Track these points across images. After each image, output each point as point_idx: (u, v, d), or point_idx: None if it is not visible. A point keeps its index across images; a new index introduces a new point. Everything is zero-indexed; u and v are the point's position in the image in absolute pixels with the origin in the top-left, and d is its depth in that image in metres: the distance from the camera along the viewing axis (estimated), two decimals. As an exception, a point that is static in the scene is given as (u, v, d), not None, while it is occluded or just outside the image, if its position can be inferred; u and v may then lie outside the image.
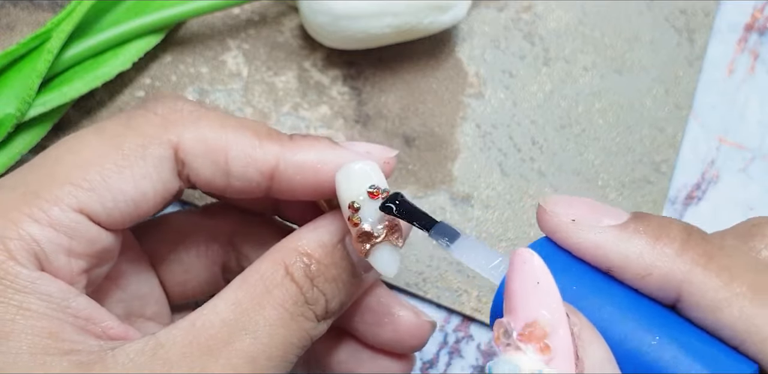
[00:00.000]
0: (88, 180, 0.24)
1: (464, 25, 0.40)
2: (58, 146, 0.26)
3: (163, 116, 0.26)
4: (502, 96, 0.40)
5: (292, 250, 0.25)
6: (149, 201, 0.25)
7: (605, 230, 0.23)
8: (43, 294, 0.23)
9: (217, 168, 0.26)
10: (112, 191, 0.24)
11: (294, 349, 0.25)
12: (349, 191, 0.25)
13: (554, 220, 0.23)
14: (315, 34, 0.37)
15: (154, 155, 0.25)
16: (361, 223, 0.25)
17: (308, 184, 0.26)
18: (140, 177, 0.25)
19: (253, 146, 0.26)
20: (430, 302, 0.38)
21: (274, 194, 0.27)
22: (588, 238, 0.23)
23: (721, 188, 0.41)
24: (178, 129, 0.26)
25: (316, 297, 0.25)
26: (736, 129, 0.41)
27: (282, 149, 0.26)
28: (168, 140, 0.25)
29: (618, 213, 0.23)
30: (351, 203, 0.25)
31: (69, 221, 0.24)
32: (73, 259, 0.24)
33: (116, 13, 0.37)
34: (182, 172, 0.26)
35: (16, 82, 0.34)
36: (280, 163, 0.26)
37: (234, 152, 0.26)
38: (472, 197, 0.39)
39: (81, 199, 0.24)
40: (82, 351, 0.23)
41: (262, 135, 0.26)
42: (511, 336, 0.20)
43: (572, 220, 0.23)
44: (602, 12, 0.42)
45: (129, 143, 0.25)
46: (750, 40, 0.43)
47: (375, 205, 0.25)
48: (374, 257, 0.25)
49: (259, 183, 0.26)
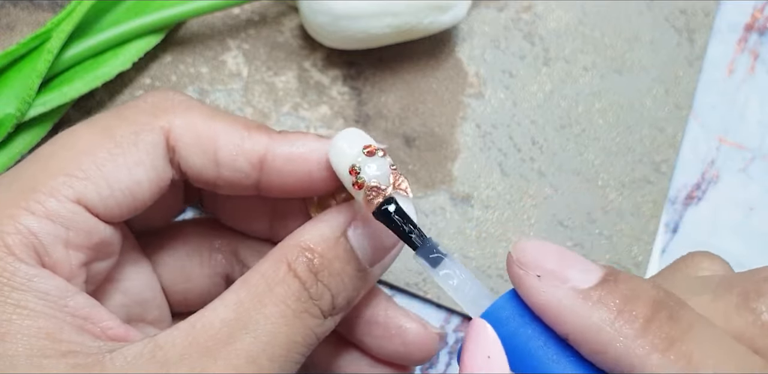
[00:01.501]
0: (82, 170, 0.24)
1: (464, 25, 0.40)
2: (52, 142, 0.26)
3: (153, 104, 0.26)
4: (502, 96, 0.40)
5: (294, 246, 0.25)
6: (144, 190, 0.25)
7: (568, 294, 0.21)
8: (41, 291, 0.23)
9: (206, 157, 0.26)
10: (107, 179, 0.24)
11: (298, 348, 0.24)
12: (344, 156, 0.25)
13: (520, 273, 0.22)
14: (315, 34, 0.37)
15: (146, 141, 0.25)
16: (367, 181, 0.24)
17: (297, 175, 0.26)
18: (134, 164, 0.25)
19: (242, 136, 0.26)
20: (430, 302, 0.38)
21: (264, 188, 0.27)
22: (549, 301, 0.21)
23: (721, 188, 0.41)
24: (169, 116, 0.26)
25: (320, 292, 0.25)
26: (736, 129, 0.42)
27: (270, 140, 0.26)
28: (159, 127, 0.26)
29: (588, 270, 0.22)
30: (351, 167, 0.24)
31: (66, 212, 0.24)
32: (72, 251, 0.24)
33: (116, 13, 0.37)
34: (174, 159, 0.26)
35: (16, 82, 0.34)
36: (269, 153, 0.26)
37: (223, 140, 0.26)
38: (472, 197, 0.39)
39: (77, 189, 0.24)
40: (80, 353, 0.22)
41: (251, 127, 0.26)
42: None
43: (537, 275, 0.22)
44: (602, 12, 0.42)
45: (121, 131, 0.25)
46: (750, 40, 0.43)
47: (374, 162, 0.24)
48: None
49: (248, 174, 0.26)
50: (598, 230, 0.39)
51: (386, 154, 0.25)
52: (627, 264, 0.39)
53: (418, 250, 0.24)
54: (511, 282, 0.23)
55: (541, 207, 0.39)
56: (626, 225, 0.39)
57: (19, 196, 0.24)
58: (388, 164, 0.25)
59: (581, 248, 0.39)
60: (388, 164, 0.25)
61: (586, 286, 0.21)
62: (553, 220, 0.39)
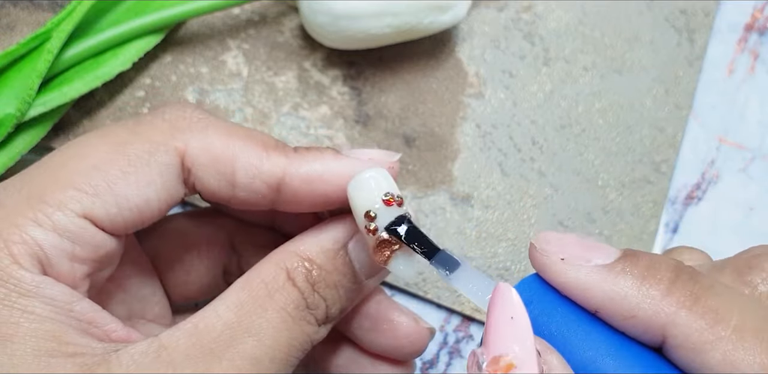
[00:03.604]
0: (92, 186, 0.24)
1: (464, 25, 0.40)
2: (63, 150, 0.25)
3: (170, 122, 0.26)
4: (502, 96, 0.40)
5: (294, 254, 0.25)
6: (153, 208, 0.25)
7: (593, 270, 0.22)
8: (47, 297, 0.23)
9: (222, 178, 0.26)
10: (116, 197, 0.24)
11: (296, 352, 0.25)
12: (363, 200, 0.25)
13: (544, 258, 0.23)
14: (315, 34, 0.37)
15: (159, 161, 0.25)
16: (379, 231, 0.24)
17: (315, 195, 0.26)
18: (144, 184, 0.25)
19: (260, 157, 0.26)
20: (430, 302, 0.38)
21: (280, 206, 0.27)
22: (576, 278, 0.22)
23: (721, 188, 0.41)
24: (185, 136, 0.25)
25: (317, 302, 0.25)
26: (736, 129, 0.42)
27: (288, 161, 0.26)
28: (175, 147, 0.25)
29: (608, 251, 0.23)
30: (367, 212, 0.24)
31: (73, 227, 0.24)
32: (77, 264, 0.24)
33: (116, 13, 0.37)
34: (188, 180, 0.26)
35: (16, 82, 0.34)
36: (286, 175, 0.26)
37: (241, 162, 0.26)
38: (472, 197, 0.39)
39: (85, 204, 0.24)
40: (86, 354, 0.23)
41: (269, 147, 0.26)
42: (481, 367, 0.21)
43: (561, 259, 0.23)
44: (602, 12, 0.42)
45: (135, 149, 0.25)
46: (750, 40, 0.43)
47: (391, 212, 0.25)
48: (394, 264, 0.25)
49: (265, 195, 0.26)
50: (598, 230, 0.39)
51: (403, 203, 0.25)
52: (627, 264, 0.39)
53: (431, 261, 0.25)
54: (535, 267, 0.23)
55: (541, 207, 0.39)
56: (626, 225, 0.39)
57: (27, 205, 0.24)
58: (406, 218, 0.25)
59: (581, 248, 0.39)
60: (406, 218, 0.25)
61: (609, 261, 0.23)
62: (553, 220, 0.39)
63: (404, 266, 0.25)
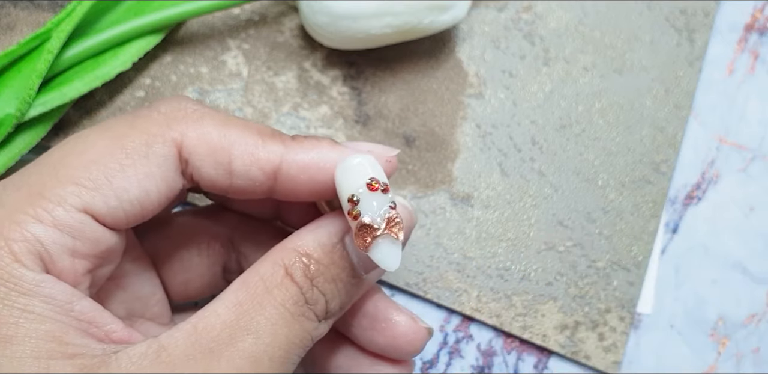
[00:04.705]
0: (91, 180, 0.24)
1: (464, 25, 0.40)
2: (61, 146, 0.25)
3: (166, 115, 0.26)
4: (502, 96, 0.40)
5: (292, 250, 0.25)
6: (153, 200, 0.25)
7: None
8: (47, 297, 0.23)
9: (220, 167, 0.26)
10: (115, 190, 0.24)
11: (296, 349, 0.25)
12: (348, 184, 0.25)
13: None
14: (315, 34, 0.37)
15: (157, 153, 0.25)
16: (361, 216, 0.24)
17: (311, 183, 0.26)
18: (144, 176, 0.25)
19: (257, 145, 0.26)
20: (430, 302, 0.38)
21: (277, 194, 0.27)
22: None
23: (721, 188, 0.41)
24: (182, 127, 0.26)
25: (316, 297, 0.25)
26: (736, 129, 0.42)
27: (285, 149, 0.26)
28: (171, 138, 0.25)
29: None
30: (350, 197, 0.25)
31: (73, 222, 0.24)
32: (78, 260, 0.24)
33: (116, 13, 0.37)
34: (186, 170, 0.26)
35: (16, 82, 0.34)
36: (283, 162, 0.26)
37: (237, 150, 0.26)
38: (472, 197, 0.39)
39: (85, 199, 0.24)
40: (85, 355, 0.23)
41: (265, 135, 0.26)
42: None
43: None
44: (602, 12, 0.42)
45: (132, 142, 0.25)
46: (750, 40, 0.43)
47: (374, 198, 0.25)
48: (375, 251, 0.25)
49: (262, 183, 0.26)
50: (598, 230, 0.39)
51: (388, 190, 0.25)
52: (627, 264, 0.39)
53: None
54: None
55: (541, 207, 0.39)
56: (626, 225, 0.39)
57: (27, 202, 0.24)
58: (388, 203, 0.25)
59: (581, 248, 0.39)
60: (388, 203, 0.25)
61: None
62: (553, 220, 0.39)
63: (387, 253, 0.25)
